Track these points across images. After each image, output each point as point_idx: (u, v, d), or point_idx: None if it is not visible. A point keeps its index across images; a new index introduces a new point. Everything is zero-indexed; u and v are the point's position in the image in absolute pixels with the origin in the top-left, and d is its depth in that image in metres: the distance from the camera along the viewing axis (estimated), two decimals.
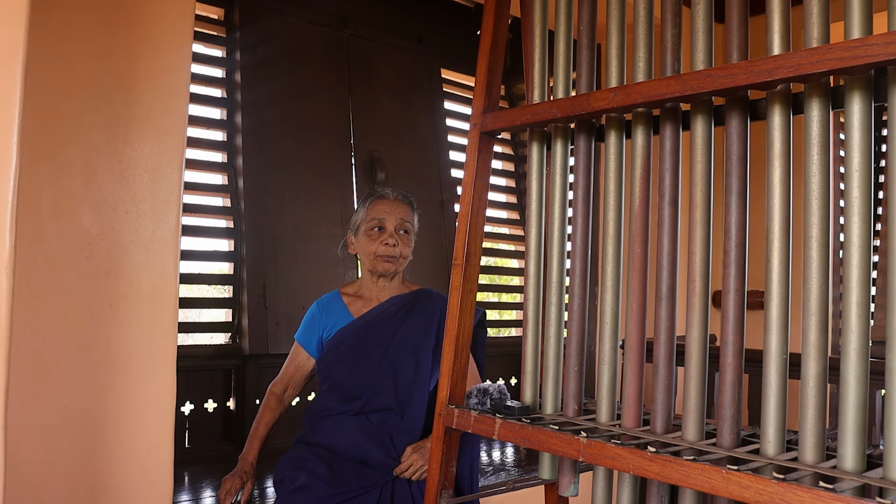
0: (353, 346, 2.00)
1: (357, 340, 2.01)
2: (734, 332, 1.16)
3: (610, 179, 1.38)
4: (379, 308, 2.05)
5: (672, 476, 1.09)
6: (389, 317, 2.03)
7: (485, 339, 2.16)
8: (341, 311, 2.08)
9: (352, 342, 2.01)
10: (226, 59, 3.05)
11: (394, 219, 2.02)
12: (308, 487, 1.82)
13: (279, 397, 2.09)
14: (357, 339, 2.01)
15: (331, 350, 2.02)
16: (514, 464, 2.98)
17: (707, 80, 1.14)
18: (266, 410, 2.06)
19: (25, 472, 1.79)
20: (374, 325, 2.02)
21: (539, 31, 1.52)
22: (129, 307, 1.97)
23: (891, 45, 0.93)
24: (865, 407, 1.03)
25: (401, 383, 1.97)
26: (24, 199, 1.77)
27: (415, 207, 2.11)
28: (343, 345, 2.01)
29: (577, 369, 1.41)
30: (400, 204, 2.06)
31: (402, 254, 2.02)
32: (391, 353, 1.99)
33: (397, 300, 2.06)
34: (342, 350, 2.00)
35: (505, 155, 4.05)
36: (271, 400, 2.08)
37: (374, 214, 2.04)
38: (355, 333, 2.02)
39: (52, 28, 1.86)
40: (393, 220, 2.02)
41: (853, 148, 1.03)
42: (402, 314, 2.04)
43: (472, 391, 1.52)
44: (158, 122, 2.04)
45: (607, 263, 1.37)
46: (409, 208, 2.08)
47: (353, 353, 2.00)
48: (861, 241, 1.02)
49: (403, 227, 2.04)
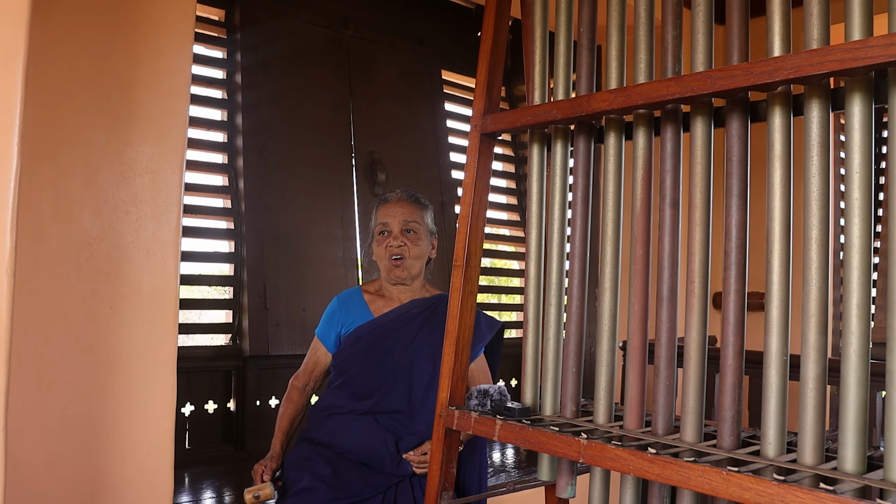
0: (371, 345, 1.98)
1: (376, 339, 1.99)
2: (734, 334, 1.16)
3: (609, 181, 1.38)
4: (400, 309, 2.02)
5: (672, 477, 1.09)
6: (410, 319, 2.00)
7: (501, 349, 2.15)
8: (362, 309, 2.06)
9: (370, 341, 1.99)
10: (226, 60, 3.05)
11: (398, 220, 1.99)
12: (311, 490, 1.81)
13: (301, 390, 2.09)
14: (376, 338, 1.99)
15: (348, 346, 2.01)
16: (515, 465, 2.98)
17: (707, 82, 1.14)
18: (289, 403, 2.07)
19: (26, 473, 1.79)
20: (393, 326, 1.99)
21: (539, 32, 1.52)
22: (129, 308, 1.97)
23: (891, 47, 0.94)
24: (866, 408, 1.03)
25: (415, 387, 1.95)
26: (24, 200, 1.77)
27: (424, 204, 2.06)
28: (361, 342, 1.99)
29: (576, 370, 1.41)
30: (404, 204, 2.02)
31: (411, 254, 1.98)
32: (409, 355, 1.97)
33: (419, 303, 2.03)
34: (359, 347, 1.99)
35: (505, 156, 4.05)
36: (293, 393, 2.09)
37: (379, 219, 2.02)
38: (374, 332, 1.99)
39: (53, 29, 1.87)
40: (397, 221, 1.99)
41: (853, 149, 1.03)
42: (423, 318, 2.00)
43: (473, 392, 1.52)
44: (159, 124, 2.04)
45: (606, 265, 1.37)
46: (416, 206, 2.03)
47: (370, 351, 1.98)
48: (861, 242, 1.02)
49: (409, 226, 1.99)
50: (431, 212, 2.09)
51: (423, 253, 2.02)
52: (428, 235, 2.04)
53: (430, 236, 2.05)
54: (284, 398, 2.09)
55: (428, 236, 2.04)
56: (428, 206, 2.08)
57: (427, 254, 2.05)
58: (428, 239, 2.04)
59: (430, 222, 2.06)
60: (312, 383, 2.10)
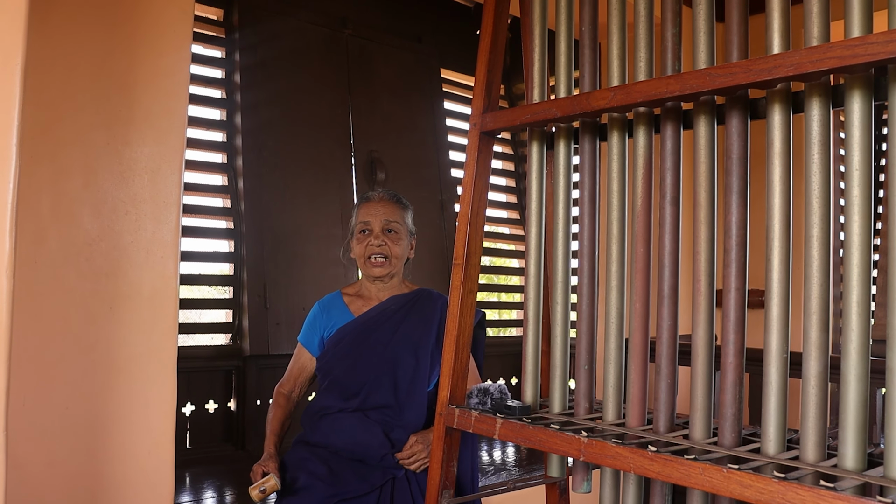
0: (353, 344, 2.01)
1: (357, 338, 2.01)
2: (735, 331, 1.16)
3: (613, 179, 1.38)
4: (379, 307, 2.05)
5: (673, 475, 1.09)
6: (389, 315, 2.03)
7: (484, 341, 2.15)
8: (342, 311, 2.08)
9: (352, 340, 2.01)
10: (225, 59, 3.05)
11: (379, 220, 2.01)
12: (308, 488, 1.83)
13: (287, 396, 2.10)
14: (357, 336, 2.01)
15: (331, 348, 2.03)
16: (515, 463, 2.99)
17: (707, 80, 1.14)
18: (277, 409, 2.08)
19: (26, 474, 1.79)
20: (373, 324, 2.02)
21: (538, 30, 1.52)
22: (129, 308, 1.97)
23: (891, 44, 0.93)
24: (866, 405, 1.03)
25: (400, 380, 1.97)
26: (24, 200, 1.77)
27: (405, 205, 2.08)
28: (343, 342, 2.01)
29: (588, 368, 1.41)
30: (385, 203, 2.04)
31: (392, 253, 2.00)
32: (391, 350, 1.99)
33: (397, 299, 2.06)
34: (342, 347, 2.01)
35: (505, 154, 4.05)
36: (280, 398, 2.10)
37: (360, 218, 2.04)
38: (355, 331, 2.02)
39: (52, 30, 1.86)
40: (378, 220, 2.01)
41: (853, 147, 1.03)
42: (403, 313, 2.03)
43: (473, 391, 1.52)
44: (158, 124, 2.04)
45: (611, 263, 1.37)
46: (397, 206, 2.05)
47: (352, 350, 2.00)
48: (861, 239, 1.02)
49: (389, 226, 2.01)
50: (412, 212, 2.12)
51: (402, 253, 2.04)
52: (408, 235, 2.07)
53: (409, 236, 2.08)
54: (272, 404, 2.10)
55: (408, 236, 2.07)
56: (409, 207, 2.11)
57: (406, 254, 2.07)
58: (408, 239, 2.07)
59: (409, 223, 2.09)
60: (298, 389, 2.12)
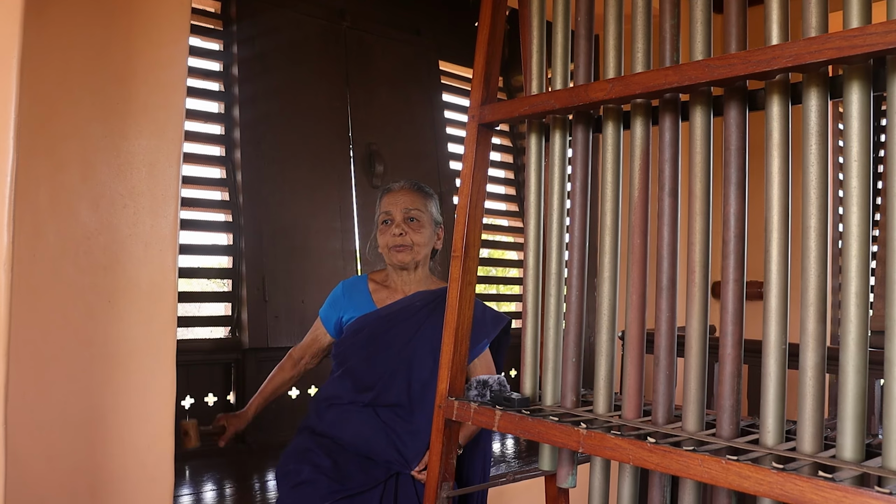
0: (372, 337, 1.97)
1: (377, 331, 1.97)
2: (733, 323, 1.16)
3: (608, 171, 1.38)
4: (403, 301, 2.01)
5: (672, 466, 1.10)
6: (413, 312, 1.98)
7: (507, 345, 2.14)
8: (365, 298, 2.05)
9: (371, 332, 1.97)
10: (223, 52, 3.04)
11: (399, 209, 1.98)
12: (312, 482, 1.81)
13: (295, 362, 2.12)
14: (377, 329, 1.97)
15: (349, 336, 2.00)
16: (515, 455, 2.99)
17: (705, 71, 1.14)
18: (279, 371, 2.10)
19: (26, 468, 1.79)
20: (395, 319, 1.98)
21: (537, 22, 1.51)
22: (128, 302, 1.97)
23: (889, 34, 0.93)
24: (864, 396, 1.03)
25: (414, 381, 1.93)
26: (21, 194, 1.76)
27: (428, 193, 2.05)
28: (362, 333, 1.98)
29: (576, 360, 1.41)
30: (406, 192, 2.01)
31: (413, 241, 1.97)
32: (409, 348, 1.95)
33: (424, 296, 2.01)
34: (360, 338, 1.98)
35: (503, 147, 4.04)
36: (287, 362, 2.12)
37: (382, 208, 2.02)
38: (376, 324, 1.98)
39: (48, 23, 1.85)
40: (399, 209, 1.98)
41: (852, 138, 1.03)
42: (427, 311, 1.98)
43: (472, 383, 1.52)
44: (156, 116, 2.03)
45: (605, 255, 1.37)
46: (418, 194, 2.02)
47: (371, 342, 1.97)
48: (860, 231, 1.02)
49: (410, 214, 1.98)
50: (436, 201, 2.08)
51: (424, 241, 2.00)
52: (432, 224, 2.03)
53: (434, 225, 2.04)
54: (277, 366, 2.13)
55: (432, 225, 2.03)
56: (432, 196, 2.06)
57: (432, 243, 2.03)
58: (432, 228, 2.03)
59: (434, 211, 2.04)
60: (308, 358, 2.13)
